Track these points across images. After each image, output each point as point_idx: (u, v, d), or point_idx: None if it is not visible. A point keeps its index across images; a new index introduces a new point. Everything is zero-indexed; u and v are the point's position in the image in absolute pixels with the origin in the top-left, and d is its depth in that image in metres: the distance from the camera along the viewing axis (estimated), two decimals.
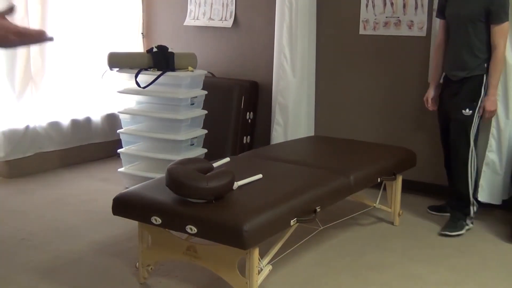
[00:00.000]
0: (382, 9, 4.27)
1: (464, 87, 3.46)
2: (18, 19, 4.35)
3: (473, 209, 3.55)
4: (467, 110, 3.42)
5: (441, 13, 3.63)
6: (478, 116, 3.45)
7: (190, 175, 2.48)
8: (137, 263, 2.81)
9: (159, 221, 2.47)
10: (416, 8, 4.14)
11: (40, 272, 2.90)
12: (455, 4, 3.49)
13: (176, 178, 2.45)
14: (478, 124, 3.48)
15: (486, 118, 3.50)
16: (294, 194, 2.66)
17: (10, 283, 2.79)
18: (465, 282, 2.89)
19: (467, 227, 3.53)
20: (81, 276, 2.88)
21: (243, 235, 2.25)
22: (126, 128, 4.44)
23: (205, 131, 4.44)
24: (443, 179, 3.81)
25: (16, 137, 4.48)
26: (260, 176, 2.81)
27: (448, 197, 3.77)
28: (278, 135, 4.62)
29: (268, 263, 2.58)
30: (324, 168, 3.14)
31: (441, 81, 3.75)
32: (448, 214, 3.66)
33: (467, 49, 3.42)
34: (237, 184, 2.64)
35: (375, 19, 4.31)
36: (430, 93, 3.79)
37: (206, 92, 4.38)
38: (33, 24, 4.50)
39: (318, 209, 2.69)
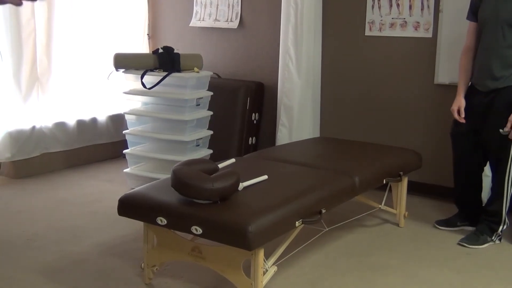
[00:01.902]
0: (388, 10, 4.26)
1: (496, 101, 3.22)
2: (25, 21, 4.38)
3: (502, 227, 3.37)
4: (505, 128, 3.17)
5: (473, 15, 3.35)
6: None
7: (195, 176, 2.48)
8: (142, 264, 2.81)
9: (164, 221, 2.47)
10: (422, 9, 4.13)
11: (46, 273, 2.91)
12: (492, 4, 3.20)
13: (182, 179, 2.46)
14: None
15: None
16: (299, 195, 2.65)
17: (15, 283, 2.80)
18: (470, 284, 2.88)
19: (490, 243, 3.36)
20: (86, 276, 2.88)
21: (248, 236, 2.25)
22: (131, 129, 4.45)
23: (211, 132, 4.44)
24: (448, 181, 3.79)
25: (22, 138, 4.49)
26: (265, 177, 2.81)
27: (458, 211, 3.66)
28: (283, 136, 4.61)
29: (273, 264, 2.58)
30: (329, 169, 3.13)
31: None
32: (458, 228, 3.59)
33: (499, 57, 3.18)
34: (242, 185, 2.64)
35: (381, 20, 4.30)
36: (462, 102, 3.39)
37: (211, 93, 4.39)
38: (39, 25, 4.53)
39: (323, 211, 2.68)
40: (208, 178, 2.47)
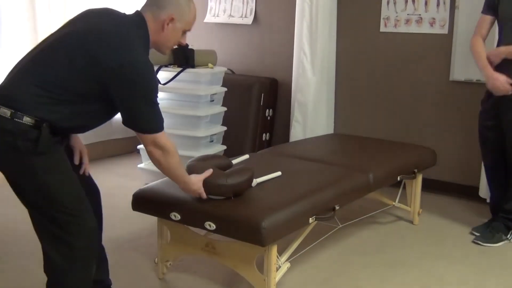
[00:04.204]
0: (403, 6, 4.24)
1: None
2: (41, 16, 4.40)
3: None
4: None
5: (490, 9, 3.26)
6: None
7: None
8: (156, 259, 2.83)
9: (178, 217, 2.48)
10: (438, 5, 4.09)
11: None
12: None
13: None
14: None
15: None
16: (313, 192, 2.65)
17: (29, 276, 2.82)
18: (485, 282, 2.86)
19: (506, 241, 3.31)
20: None
21: (261, 232, 2.26)
22: None
23: (225, 128, 4.45)
24: (463, 178, 3.76)
25: None
26: (279, 173, 2.81)
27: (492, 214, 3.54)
28: (297, 133, 4.61)
29: (286, 261, 2.58)
30: (343, 166, 3.13)
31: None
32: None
33: None
34: (256, 181, 2.64)
35: (396, 16, 4.28)
36: (498, 75, 3.14)
37: (225, 89, 4.39)
38: (55, 20, 4.54)
39: (337, 207, 2.68)
40: (222, 174, 2.47)
